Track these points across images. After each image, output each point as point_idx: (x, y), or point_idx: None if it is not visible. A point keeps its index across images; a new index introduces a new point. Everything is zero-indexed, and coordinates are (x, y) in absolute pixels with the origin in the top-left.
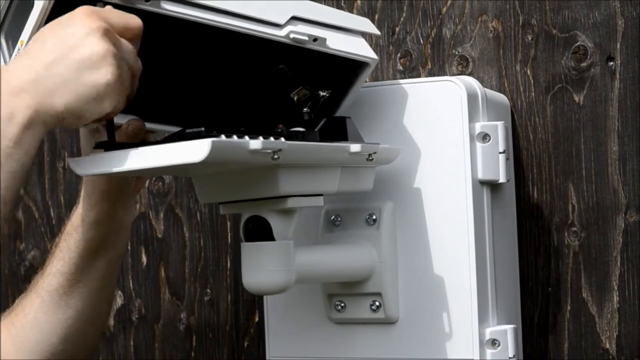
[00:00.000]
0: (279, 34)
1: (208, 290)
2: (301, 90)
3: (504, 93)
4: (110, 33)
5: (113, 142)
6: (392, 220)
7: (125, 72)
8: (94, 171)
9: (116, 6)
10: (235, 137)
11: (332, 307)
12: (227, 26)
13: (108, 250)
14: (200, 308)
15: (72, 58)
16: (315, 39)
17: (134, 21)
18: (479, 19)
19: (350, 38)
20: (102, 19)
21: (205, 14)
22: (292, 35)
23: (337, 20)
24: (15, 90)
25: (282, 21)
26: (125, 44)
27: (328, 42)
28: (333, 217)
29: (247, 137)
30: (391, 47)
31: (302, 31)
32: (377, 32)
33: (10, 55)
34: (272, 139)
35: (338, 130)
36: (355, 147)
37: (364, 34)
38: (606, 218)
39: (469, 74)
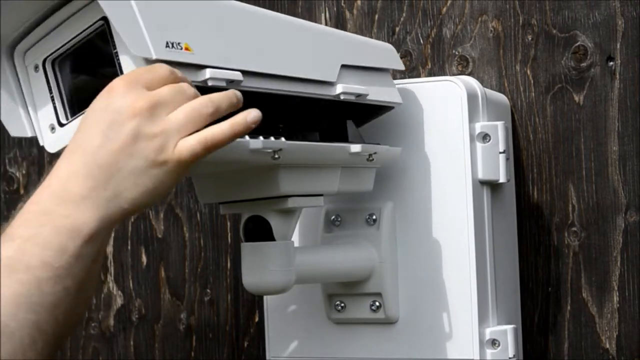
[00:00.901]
0: (331, 93)
1: (208, 290)
2: None
3: (504, 93)
4: (158, 107)
5: None
6: (392, 220)
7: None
8: None
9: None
10: None
11: (332, 307)
12: (284, 92)
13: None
14: (200, 308)
15: (129, 154)
16: (358, 95)
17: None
18: (479, 19)
19: (384, 84)
20: (144, 90)
21: (263, 82)
22: (342, 97)
23: (372, 59)
24: (76, 199)
25: (334, 77)
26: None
27: (368, 96)
28: (333, 217)
29: (247, 137)
30: None
31: (350, 91)
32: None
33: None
34: (272, 138)
35: (338, 131)
36: (355, 148)
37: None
38: (606, 218)
39: (469, 74)
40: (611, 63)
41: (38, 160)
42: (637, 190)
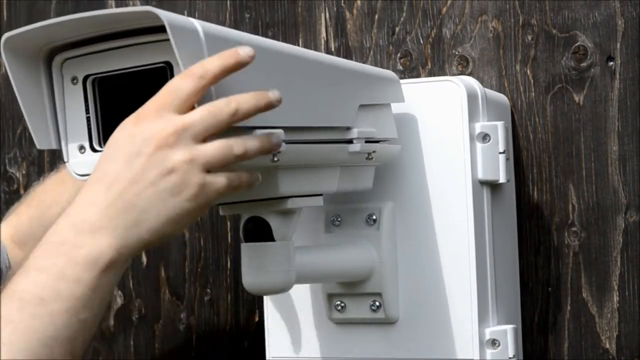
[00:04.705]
0: (346, 137)
1: (208, 290)
2: None
3: (504, 93)
4: (184, 134)
5: None
6: (392, 220)
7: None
8: None
9: None
10: None
11: (332, 307)
12: (305, 141)
13: None
14: (200, 308)
15: (152, 184)
16: (368, 137)
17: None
18: (479, 19)
19: (387, 119)
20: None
21: (291, 135)
22: (354, 141)
23: (382, 96)
24: (93, 229)
25: (352, 122)
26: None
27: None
28: (333, 217)
29: None
30: (391, 47)
31: (362, 136)
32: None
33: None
34: None
35: None
36: (354, 147)
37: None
38: (606, 218)
39: (469, 74)
40: (611, 63)
41: (38, 160)
42: (637, 190)
